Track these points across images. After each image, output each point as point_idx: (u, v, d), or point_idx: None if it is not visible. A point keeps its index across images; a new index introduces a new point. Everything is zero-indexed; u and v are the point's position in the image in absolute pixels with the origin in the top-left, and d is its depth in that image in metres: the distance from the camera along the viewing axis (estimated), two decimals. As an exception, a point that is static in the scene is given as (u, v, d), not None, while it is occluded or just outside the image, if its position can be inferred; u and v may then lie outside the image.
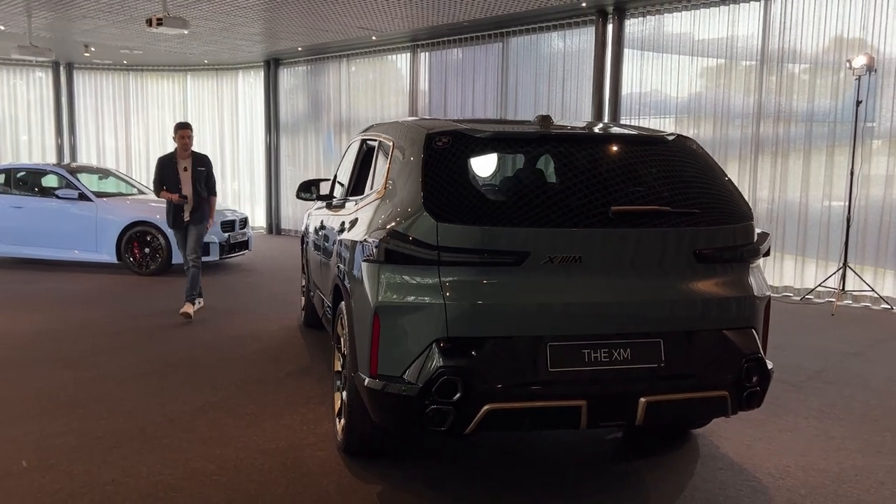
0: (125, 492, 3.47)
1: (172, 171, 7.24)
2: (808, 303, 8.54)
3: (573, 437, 4.28)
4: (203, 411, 4.62)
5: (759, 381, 3.37)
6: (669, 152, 3.60)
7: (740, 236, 3.43)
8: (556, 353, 3.13)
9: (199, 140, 16.93)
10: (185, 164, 7.25)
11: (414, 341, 3.14)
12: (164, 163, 7.34)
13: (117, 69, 16.86)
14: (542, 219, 3.16)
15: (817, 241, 8.75)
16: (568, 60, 10.96)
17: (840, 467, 3.88)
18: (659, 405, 3.21)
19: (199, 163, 7.35)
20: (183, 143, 7.25)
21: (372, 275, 3.30)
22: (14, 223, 10.47)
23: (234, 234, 10.73)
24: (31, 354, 5.97)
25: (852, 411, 4.78)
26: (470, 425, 3.09)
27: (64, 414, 4.55)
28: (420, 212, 3.19)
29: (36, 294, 8.70)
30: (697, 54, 9.61)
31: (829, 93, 8.61)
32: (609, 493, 3.57)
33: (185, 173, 7.25)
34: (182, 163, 7.26)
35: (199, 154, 7.44)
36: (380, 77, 14.12)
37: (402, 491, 3.54)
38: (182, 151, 7.28)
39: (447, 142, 3.39)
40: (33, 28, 11.73)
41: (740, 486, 3.64)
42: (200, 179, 7.31)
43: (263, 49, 14.49)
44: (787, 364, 5.84)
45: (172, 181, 7.23)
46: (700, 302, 3.32)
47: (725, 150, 9.42)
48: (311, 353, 6.03)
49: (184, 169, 7.25)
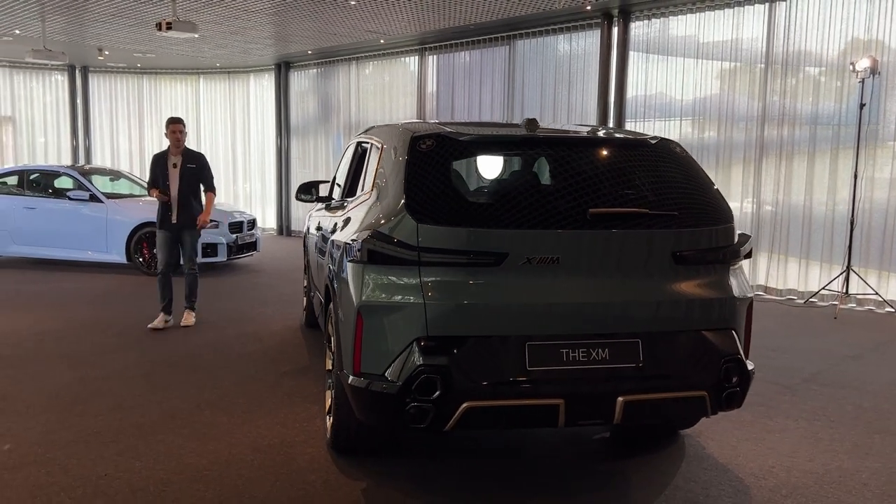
0: (117, 486, 3.57)
1: (163, 167, 6.92)
2: (812, 306, 8.52)
3: (560, 437, 4.33)
4: (200, 409, 4.71)
5: (739, 381, 3.40)
6: (652, 155, 3.64)
7: (720, 238, 3.47)
8: (534, 353, 3.19)
9: (212, 142, 17.21)
10: (175, 161, 6.91)
11: (395, 340, 3.20)
12: (156, 160, 7.03)
13: (131, 72, 17.09)
14: (521, 220, 3.22)
15: (821, 243, 8.72)
16: (574, 63, 11.00)
17: (825, 468, 3.90)
18: (637, 404, 3.26)
19: (190, 160, 6.98)
20: (174, 139, 6.91)
21: (356, 275, 3.37)
22: (27, 224, 10.66)
23: (243, 236, 10.85)
24: (37, 353, 6.10)
25: (844, 414, 4.78)
26: (449, 422, 3.15)
27: (64, 410, 4.66)
28: (402, 213, 3.25)
29: (45, 294, 8.86)
30: (702, 57, 9.62)
31: (833, 96, 8.59)
32: (592, 492, 3.62)
33: (173, 170, 6.89)
34: (173, 159, 6.92)
35: (192, 151, 7.13)
36: (388, 80, 14.23)
37: (388, 488, 3.61)
38: (174, 148, 6.95)
39: (431, 144, 3.46)
40: (47, 32, 11.93)
41: (723, 485, 3.67)
42: (189, 177, 6.94)
43: (274, 52, 14.64)
44: (784, 366, 5.85)
45: (162, 178, 6.92)
46: (678, 303, 3.37)
47: (730, 152, 9.43)
48: (310, 353, 6.12)
49: (173, 165, 6.89)
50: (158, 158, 7.01)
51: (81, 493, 3.48)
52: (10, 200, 10.88)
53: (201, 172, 7.04)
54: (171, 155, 6.93)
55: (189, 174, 6.91)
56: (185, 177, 6.89)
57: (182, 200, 6.88)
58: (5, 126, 16.62)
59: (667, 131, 9.83)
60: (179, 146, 6.94)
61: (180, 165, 6.87)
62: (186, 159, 6.94)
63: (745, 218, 9.26)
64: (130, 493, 3.48)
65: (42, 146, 16.95)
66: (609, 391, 3.22)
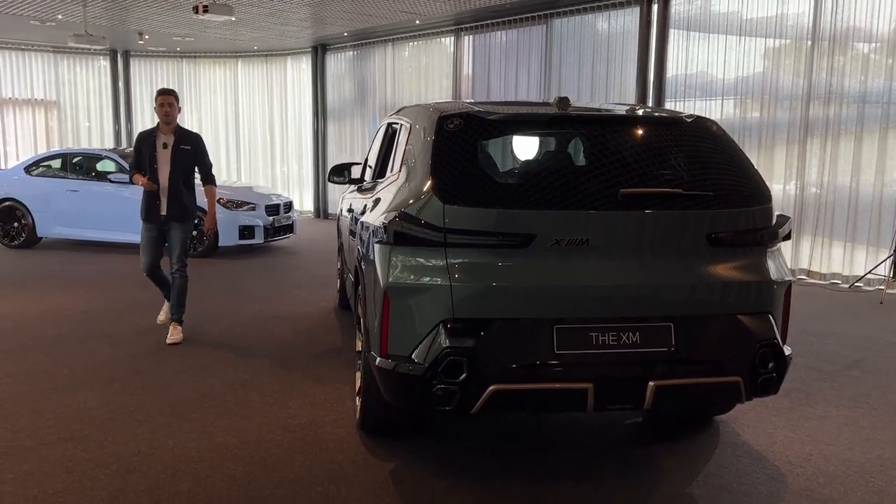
0: (150, 462, 3.62)
1: (150, 147, 5.74)
2: (857, 291, 8.27)
3: (591, 421, 4.27)
4: (232, 388, 4.76)
5: (775, 367, 3.30)
6: (687, 134, 3.54)
7: (758, 219, 3.36)
8: (562, 336, 3.13)
9: (251, 126, 17.36)
10: (165, 140, 5.75)
11: (421, 322, 3.18)
12: (143, 138, 5.85)
13: (171, 56, 17.29)
14: (550, 201, 3.15)
15: (868, 226, 8.44)
16: (612, 42, 10.78)
17: (865, 458, 3.78)
18: (668, 389, 3.19)
19: (184, 140, 5.80)
20: (163, 113, 5.71)
21: (383, 256, 3.34)
22: (70, 206, 10.89)
23: (279, 218, 10.96)
24: (79, 331, 6.24)
25: (887, 402, 4.63)
26: (476, 405, 3.12)
27: (102, 388, 4.75)
28: (429, 194, 3.21)
29: (88, 274, 9.06)
30: (746, 34, 9.33)
31: (883, 73, 8.27)
32: (622, 478, 3.56)
33: (163, 151, 5.73)
34: (163, 138, 5.76)
35: (187, 131, 5.91)
36: (425, 61, 14.15)
37: (415, 468, 3.60)
38: (164, 125, 5.76)
39: (459, 124, 3.41)
40: (88, 17, 12.12)
41: (757, 473, 3.59)
42: (182, 161, 5.79)
43: (310, 35, 14.66)
44: (826, 352, 5.70)
45: (147, 161, 5.74)
46: (713, 286, 3.27)
47: (773, 133, 9.17)
48: (343, 335, 6.14)
49: (163, 146, 5.74)
50: (145, 137, 5.85)
51: (115, 469, 3.54)
52: (54, 183, 11.13)
53: (197, 157, 5.89)
54: (161, 133, 5.78)
55: (182, 157, 5.79)
56: (178, 160, 5.77)
57: (172, 188, 5.75)
58: (50, 110, 16.99)
59: (708, 111, 9.60)
60: (170, 123, 5.77)
61: (171, 146, 5.75)
62: (179, 140, 5.79)
63: (788, 200, 9.01)
64: (162, 470, 3.54)
65: (86, 130, 17.29)
66: (640, 376, 3.15)
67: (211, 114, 17.58)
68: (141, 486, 3.38)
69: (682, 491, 3.41)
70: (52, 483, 3.40)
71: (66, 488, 3.35)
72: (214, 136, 17.70)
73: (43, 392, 4.66)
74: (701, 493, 3.39)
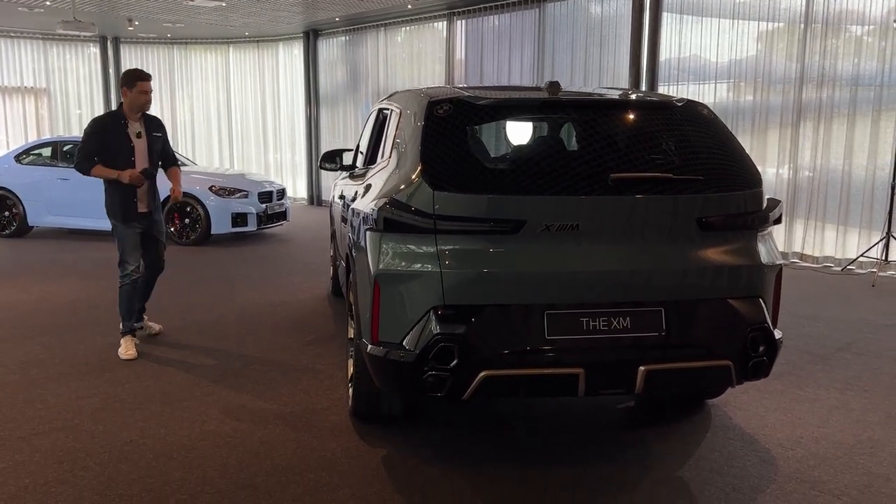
0: (141, 451, 3.62)
1: (121, 137, 5.14)
2: (849, 273, 8.30)
3: (583, 405, 4.28)
4: (226, 376, 4.76)
5: (766, 350, 3.31)
6: (677, 118, 3.52)
7: (748, 203, 3.35)
8: (553, 321, 3.13)
9: (243, 112, 17.29)
10: (138, 129, 5.23)
11: (412, 309, 3.17)
12: (106, 126, 5.20)
13: (161, 43, 17.15)
14: (540, 187, 3.14)
15: (860, 209, 8.45)
16: (605, 26, 10.72)
17: (856, 439, 3.80)
18: (659, 374, 3.19)
19: (155, 127, 5.37)
20: (142, 101, 5.18)
21: (373, 243, 3.33)
22: (61, 194, 10.81)
23: (272, 205, 10.91)
24: (70, 321, 6.22)
25: (878, 384, 4.66)
26: (467, 391, 3.12)
27: (94, 377, 4.74)
28: (418, 180, 3.19)
29: (79, 263, 9.02)
30: (739, 17, 9.29)
31: (875, 55, 8.25)
32: (613, 462, 3.57)
33: (139, 141, 5.21)
34: (135, 126, 5.22)
35: (151, 116, 5.39)
36: (417, 47, 14.06)
37: (407, 455, 3.60)
38: (132, 113, 5.21)
39: (448, 109, 3.38)
40: (77, 3, 11.99)
41: (748, 456, 3.60)
42: (156, 150, 5.36)
43: (302, 20, 14.54)
44: (817, 335, 5.72)
45: (121, 153, 5.15)
46: (703, 270, 3.27)
47: (766, 116, 9.15)
48: (336, 322, 6.14)
49: (137, 135, 5.21)
50: (110, 125, 5.21)
51: (107, 458, 3.54)
52: (45, 171, 11.06)
53: (165, 143, 5.50)
54: (131, 121, 5.22)
55: (156, 146, 5.36)
56: (154, 150, 5.34)
57: (151, 182, 5.33)
58: (40, 98, 16.85)
59: (701, 95, 9.57)
60: (144, 110, 5.29)
61: (146, 135, 5.27)
62: (151, 127, 5.34)
63: (781, 183, 9.01)
64: (154, 459, 3.53)
65: (77, 118, 17.15)
66: (630, 360, 3.15)
67: (203, 101, 17.47)
68: (133, 474, 3.38)
69: (673, 474, 3.43)
70: (44, 473, 3.39)
71: (57, 478, 3.35)
72: (206, 124, 17.62)
73: (34, 382, 4.65)
74: (692, 476, 3.40)
